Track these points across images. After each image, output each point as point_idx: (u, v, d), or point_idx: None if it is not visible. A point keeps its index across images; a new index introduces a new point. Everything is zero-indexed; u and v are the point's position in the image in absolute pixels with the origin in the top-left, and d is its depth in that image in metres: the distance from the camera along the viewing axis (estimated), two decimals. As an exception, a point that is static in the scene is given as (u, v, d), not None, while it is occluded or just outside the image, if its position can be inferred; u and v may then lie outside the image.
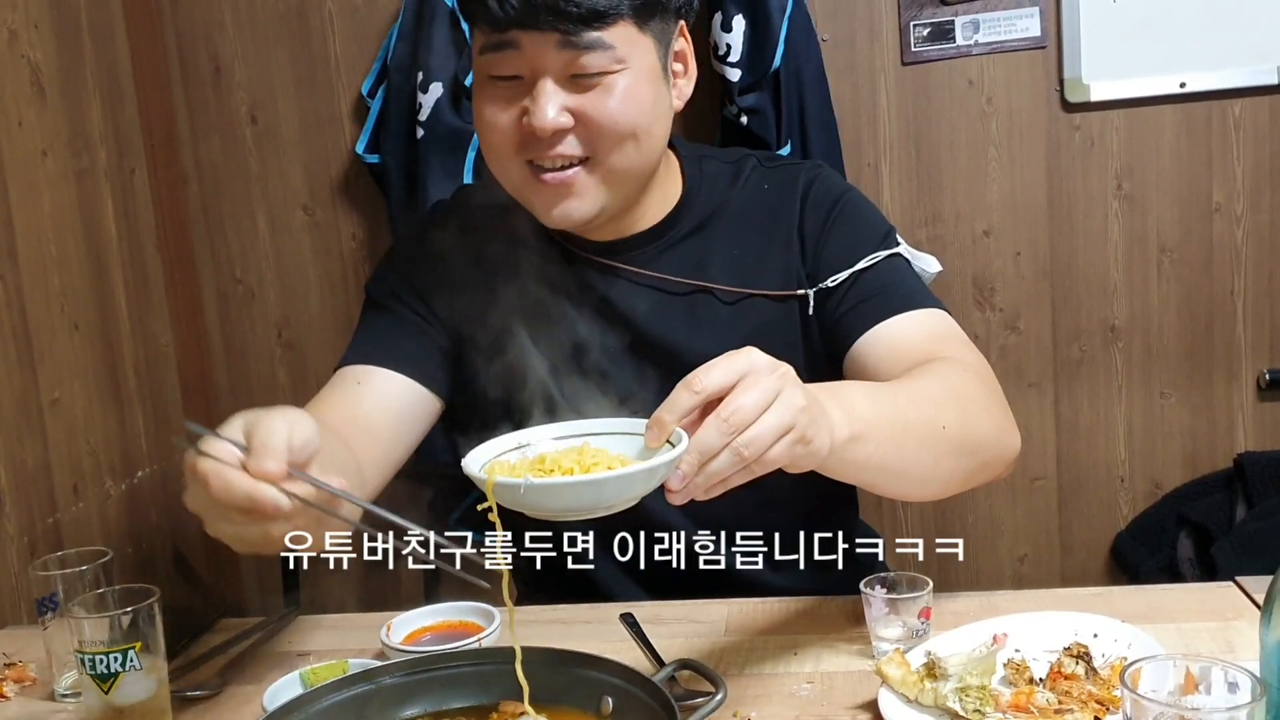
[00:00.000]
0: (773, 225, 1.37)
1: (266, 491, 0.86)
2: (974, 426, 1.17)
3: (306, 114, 2.43)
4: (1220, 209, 2.28)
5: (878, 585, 1.20)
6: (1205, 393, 2.34)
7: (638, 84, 1.21)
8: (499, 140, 1.25)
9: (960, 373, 1.20)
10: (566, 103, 1.20)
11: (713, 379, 0.92)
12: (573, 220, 1.27)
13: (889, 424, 1.06)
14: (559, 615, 1.39)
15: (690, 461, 0.90)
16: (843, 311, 1.33)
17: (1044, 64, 2.27)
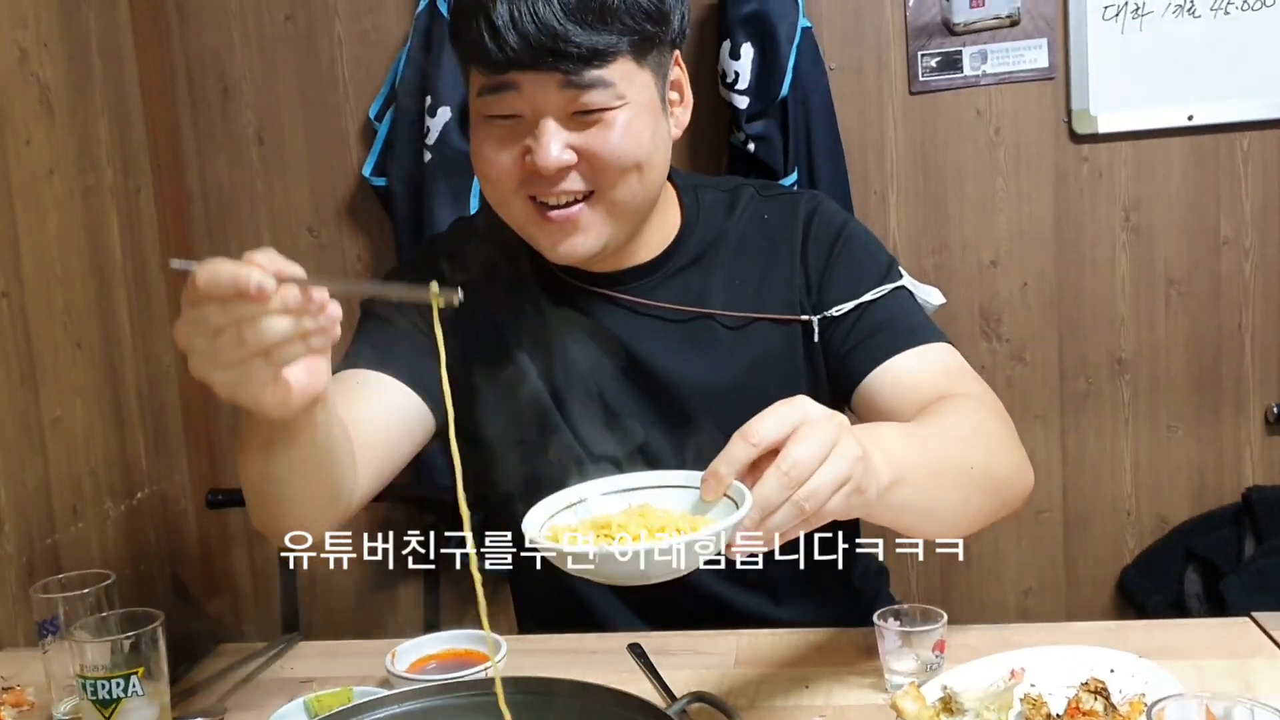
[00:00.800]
0: (773, 254, 1.36)
1: (251, 271, 0.85)
2: (998, 465, 1.18)
3: (313, 136, 2.42)
4: (1228, 242, 2.28)
5: (891, 617, 1.18)
6: (1213, 426, 2.32)
7: (638, 118, 1.21)
8: (501, 178, 1.24)
9: (980, 410, 1.21)
10: (569, 140, 1.19)
11: (768, 430, 0.91)
12: (578, 256, 1.26)
13: (924, 466, 1.06)
14: (564, 645, 1.37)
15: (752, 518, 0.89)
16: (850, 346, 1.32)
17: (1052, 95, 2.27)
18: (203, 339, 0.89)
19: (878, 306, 1.32)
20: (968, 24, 2.24)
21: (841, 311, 1.32)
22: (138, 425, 2.25)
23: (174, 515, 2.36)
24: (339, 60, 2.39)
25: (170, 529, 2.34)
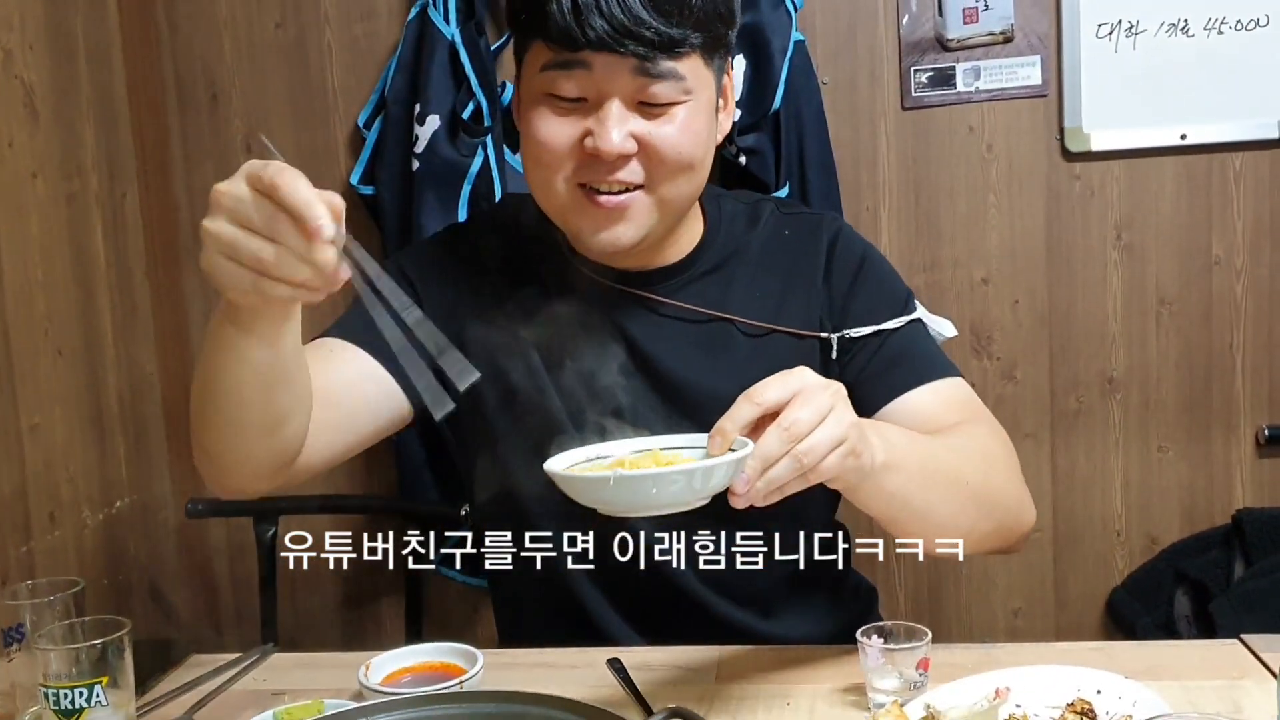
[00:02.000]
0: (793, 271, 1.38)
1: (320, 209, 0.89)
2: (996, 488, 1.23)
3: (302, 144, 2.40)
4: (1220, 262, 2.27)
5: (874, 635, 1.17)
6: (1203, 447, 2.31)
7: (699, 116, 1.22)
8: (554, 160, 1.23)
9: (985, 438, 1.27)
10: (632, 128, 1.20)
11: (770, 393, 1.00)
12: (619, 245, 1.26)
13: (919, 461, 1.14)
14: (543, 659, 1.35)
15: (753, 467, 0.98)
16: (866, 375, 1.33)
17: (1045, 112, 2.26)
18: (234, 229, 0.92)
19: (895, 337, 1.34)
20: (961, 40, 2.23)
21: (860, 334, 1.34)
22: (118, 433, 2.23)
23: (154, 525, 2.34)
24: (329, 68, 2.38)
25: (150, 538, 2.31)
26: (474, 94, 2.16)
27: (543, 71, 1.20)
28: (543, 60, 1.19)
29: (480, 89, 2.16)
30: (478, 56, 2.17)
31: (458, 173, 2.16)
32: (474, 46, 2.17)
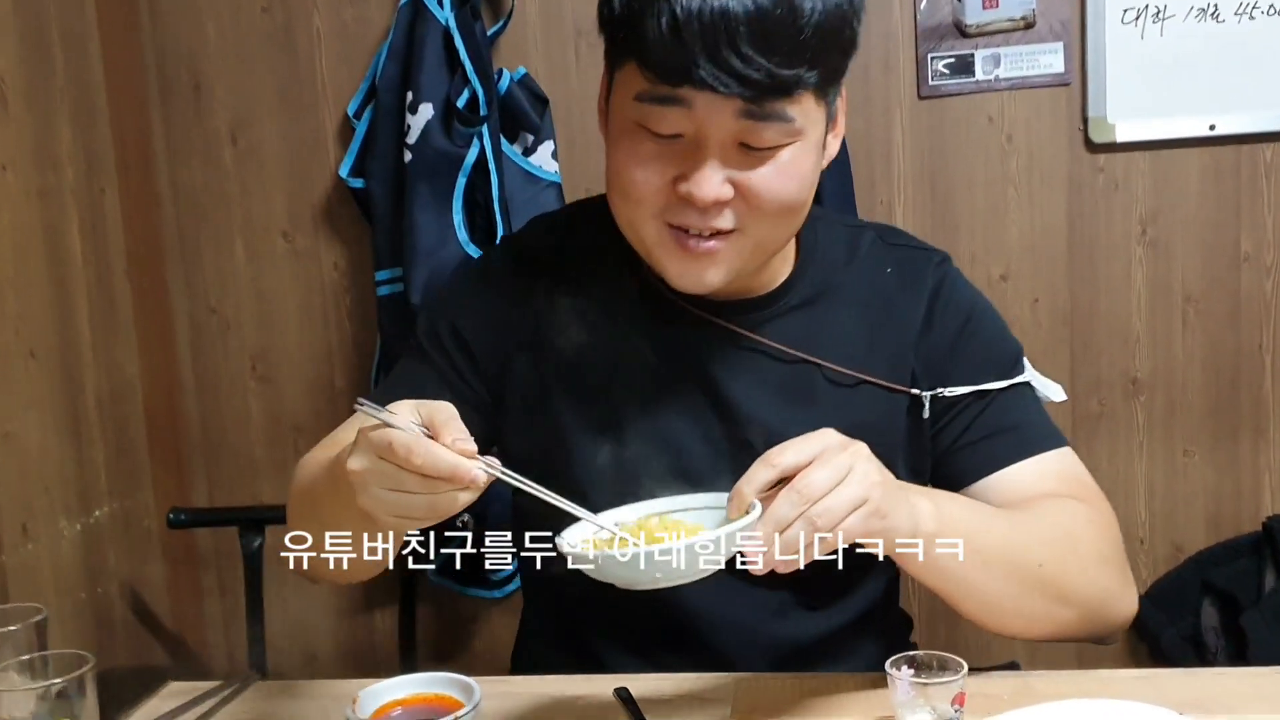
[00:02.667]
0: (888, 315, 1.26)
1: (469, 465, 0.92)
2: (1075, 576, 1.14)
3: (290, 135, 2.31)
4: (1249, 258, 2.18)
5: (904, 665, 1.07)
6: (1231, 451, 2.22)
7: (805, 156, 1.10)
8: (643, 199, 1.11)
9: (1076, 518, 1.17)
10: (731, 174, 1.08)
11: (789, 456, 0.96)
12: (704, 287, 1.15)
13: (978, 536, 1.07)
14: (545, 689, 1.25)
15: (765, 530, 0.94)
16: (966, 442, 1.23)
17: (1067, 102, 2.17)
18: (386, 489, 0.94)
19: (1000, 402, 1.24)
20: (980, 26, 2.13)
21: (958, 394, 1.23)
22: (97, 439, 2.13)
23: (136, 535, 2.24)
24: (318, 55, 2.28)
25: (131, 549, 2.22)
26: (469, 81, 2.06)
27: (635, 101, 1.08)
28: (637, 89, 1.07)
29: (476, 76, 2.06)
30: (473, 42, 2.07)
31: (452, 164, 2.06)
32: (469, 31, 2.07)
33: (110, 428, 2.17)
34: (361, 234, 2.28)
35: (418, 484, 0.93)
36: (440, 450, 0.91)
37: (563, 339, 1.25)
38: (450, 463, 0.91)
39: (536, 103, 2.17)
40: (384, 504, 0.95)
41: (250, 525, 1.96)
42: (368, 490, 0.95)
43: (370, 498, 0.96)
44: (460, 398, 1.23)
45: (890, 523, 0.98)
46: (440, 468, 0.91)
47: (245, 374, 2.38)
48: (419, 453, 0.91)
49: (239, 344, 2.37)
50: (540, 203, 2.15)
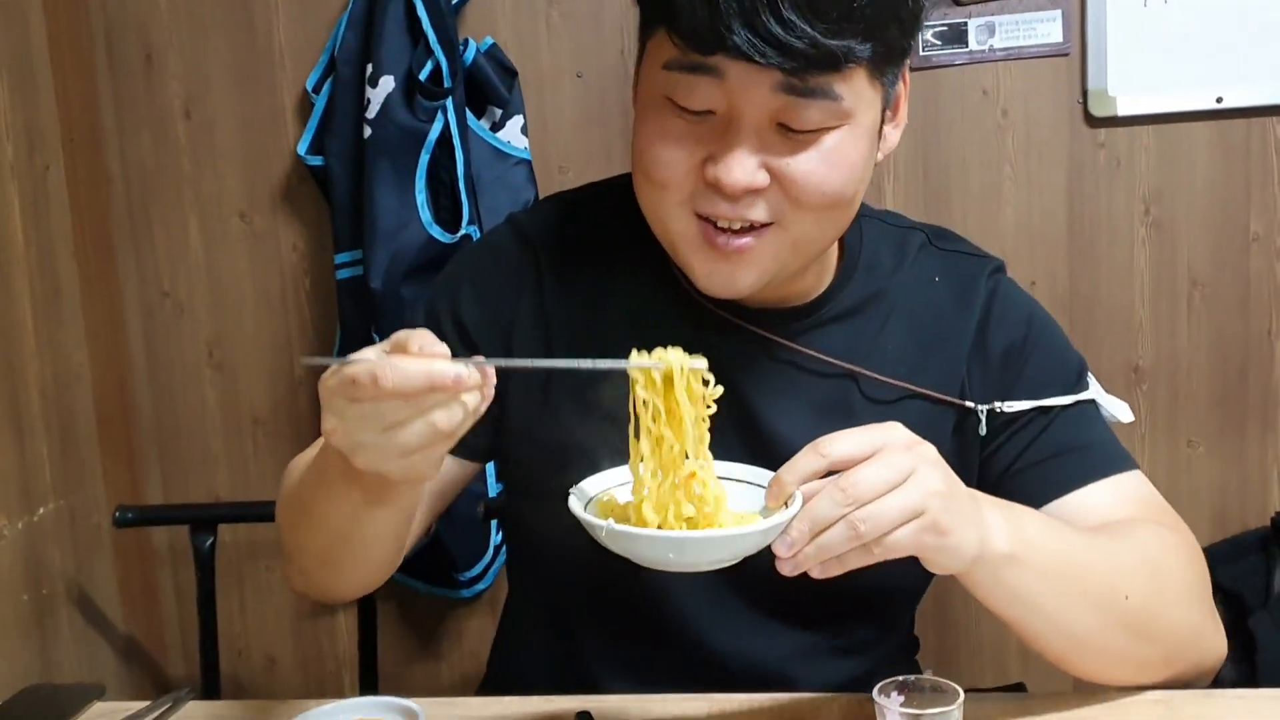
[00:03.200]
0: (937, 327, 1.15)
1: (444, 365, 0.82)
2: (1163, 612, 1.03)
3: (246, 110, 2.19)
4: (1258, 239, 2.08)
5: (894, 692, 0.97)
6: (1238, 443, 2.13)
7: (855, 143, 0.98)
8: (667, 182, 1.00)
9: (1165, 546, 1.06)
10: (766, 158, 0.96)
11: (842, 446, 0.88)
12: (734, 291, 1.03)
13: (1057, 561, 0.96)
14: (503, 711, 1.15)
15: (800, 529, 0.86)
16: (1029, 463, 1.12)
17: (1066, 73, 2.07)
18: (376, 433, 0.84)
19: (1066, 419, 1.12)
20: (974, -9, 2.03)
21: (1017, 409, 1.11)
22: (41, 431, 2.02)
23: (84, 533, 2.13)
24: (275, 25, 2.16)
25: (78, 548, 2.10)
26: (432, 52, 1.95)
27: (665, 69, 0.96)
28: (666, 56, 0.96)
29: (439, 47, 1.94)
30: (436, 11, 1.95)
31: (415, 140, 1.95)
32: (432, 1, 1.95)
33: (55, 420, 2.06)
34: (322, 214, 2.17)
35: (403, 408, 0.82)
36: (407, 362, 0.81)
37: (572, 342, 1.14)
38: (423, 370, 0.81)
39: (505, 75, 2.05)
40: (383, 450, 0.85)
41: (202, 524, 1.85)
42: (358, 445, 0.85)
43: (365, 451, 0.85)
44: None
45: (950, 540, 0.88)
46: (414, 379, 0.81)
47: (200, 361, 2.27)
48: (384, 373, 0.80)
49: (193, 330, 2.26)
50: (509, 181, 2.04)
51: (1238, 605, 1.98)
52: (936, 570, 0.92)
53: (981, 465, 1.14)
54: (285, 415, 2.26)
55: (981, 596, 0.96)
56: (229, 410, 2.28)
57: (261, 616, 2.33)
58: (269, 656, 2.34)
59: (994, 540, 0.92)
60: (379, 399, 0.81)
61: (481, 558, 2.10)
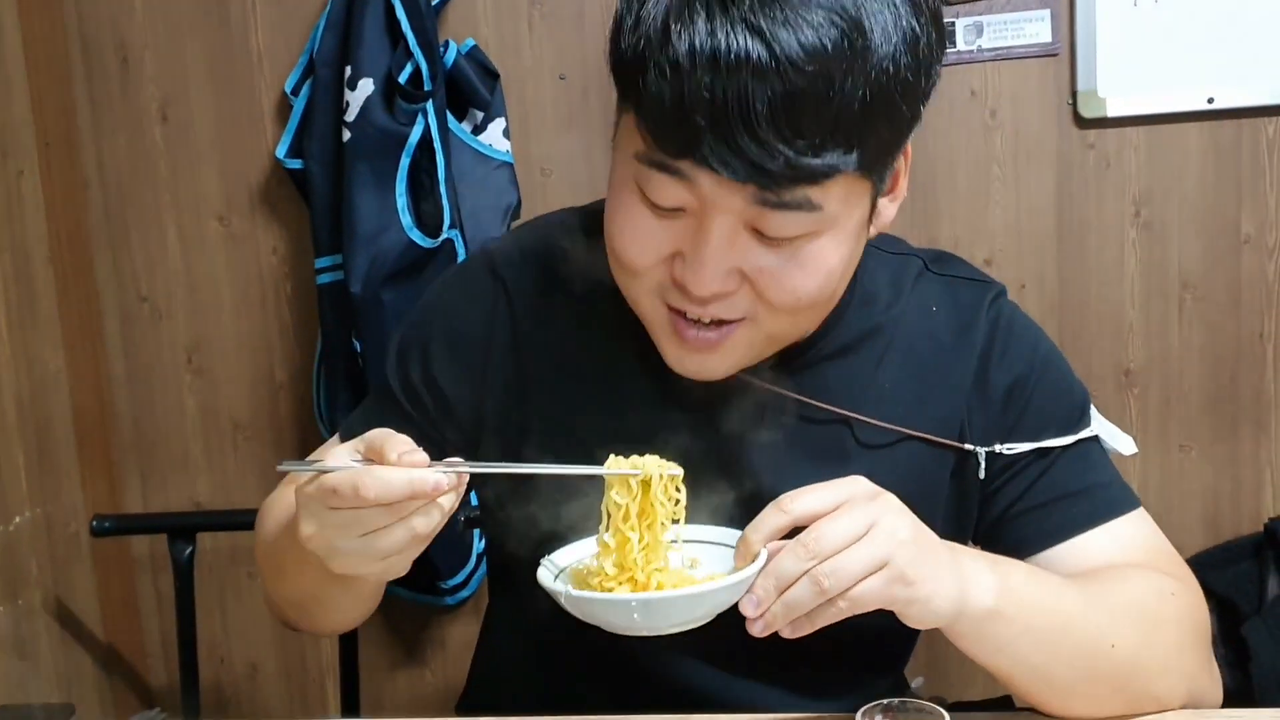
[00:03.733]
0: (936, 363, 1.09)
1: (425, 473, 0.82)
2: (1153, 662, 1.00)
3: (224, 113, 2.16)
4: (1250, 241, 2.06)
5: (879, 715, 0.94)
6: (1230, 447, 2.11)
7: (837, 246, 0.92)
8: (637, 271, 0.95)
9: (1161, 594, 1.02)
10: (739, 261, 0.90)
11: (805, 503, 0.86)
12: (706, 377, 0.99)
13: (1044, 614, 0.94)
14: (475, 733, 1.12)
15: (765, 586, 0.84)
16: (1030, 506, 1.07)
17: (1055, 74, 2.04)
18: (353, 538, 0.84)
19: (1067, 460, 1.07)
20: (962, -9, 2.00)
21: (1017, 451, 1.06)
22: (16, 440, 1.98)
23: (62, 542, 2.09)
24: (252, 27, 2.12)
25: (56, 557, 2.07)
26: (412, 54, 1.91)
27: (634, 158, 0.90)
28: (635, 146, 0.89)
29: (419, 49, 1.91)
30: (416, 13, 1.92)
31: (395, 143, 1.91)
32: (412, 2, 1.92)
33: (31, 427, 2.02)
34: (301, 217, 2.13)
35: (383, 516, 0.83)
36: (388, 472, 0.82)
37: (547, 388, 1.09)
38: (404, 480, 0.81)
39: (486, 77, 2.02)
40: (360, 556, 0.85)
41: (180, 532, 1.82)
42: (336, 551, 0.85)
43: (343, 557, 0.86)
44: (437, 448, 1.06)
45: (920, 591, 0.86)
46: (396, 489, 0.81)
47: (179, 367, 2.24)
48: (366, 484, 0.81)
49: (172, 335, 2.23)
50: (491, 184, 2.00)
51: (1231, 612, 1.95)
52: (914, 625, 0.90)
53: (979, 507, 1.10)
54: (266, 420, 2.23)
55: (964, 648, 0.94)
56: (209, 416, 2.24)
57: (243, 624, 2.30)
58: (251, 664, 2.31)
59: (976, 595, 0.89)
60: (360, 508, 0.81)
61: (464, 566, 2.08)
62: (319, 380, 2.12)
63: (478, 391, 1.11)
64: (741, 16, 0.81)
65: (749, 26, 0.81)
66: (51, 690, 2.05)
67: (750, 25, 0.81)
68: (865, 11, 0.83)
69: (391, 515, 0.83)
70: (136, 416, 2.25)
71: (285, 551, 1.01)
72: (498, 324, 1.11)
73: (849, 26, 0.82)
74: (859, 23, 0.82)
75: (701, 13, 0.82)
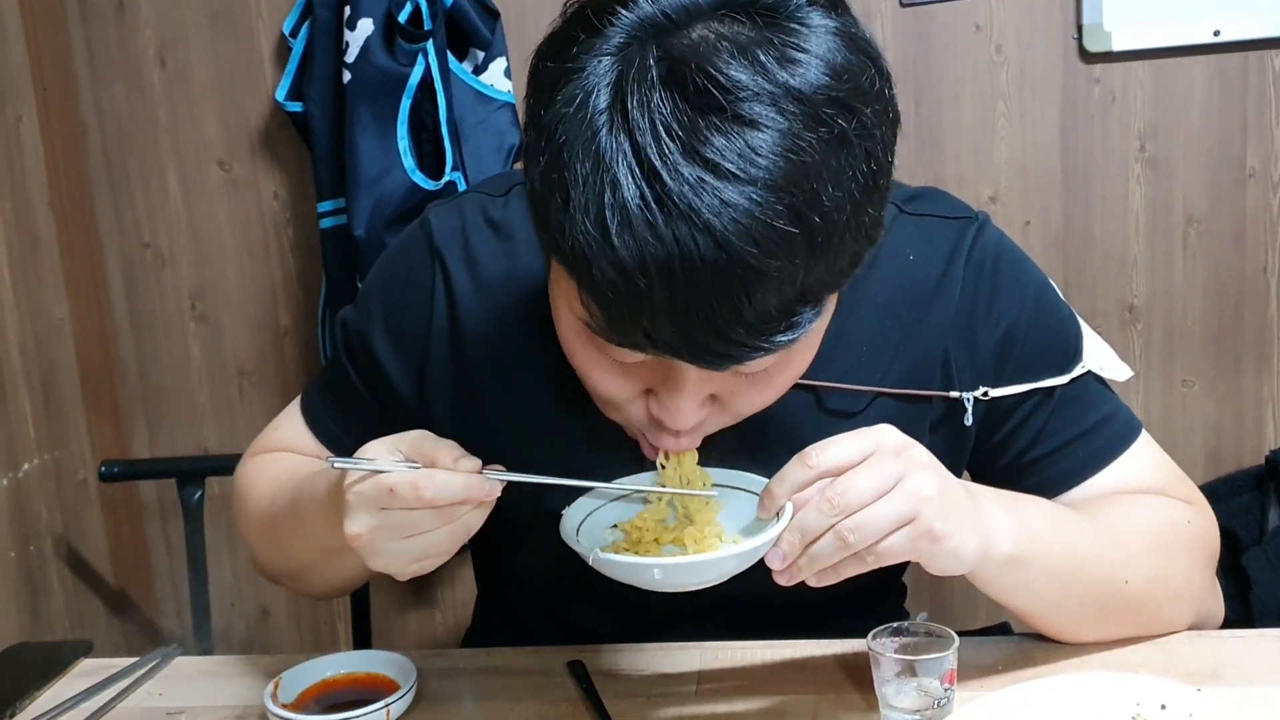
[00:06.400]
0: (912, 316, 1.03)
1: (480, 480, 0.84)
2: (1164, 592, 1.03)
3: (222, 56, 2.15)
4: (1255, 175, 2.05)
5: (888, 637, 0.96)
6: (1233, 381, 2.11)
7: (811, 347, 0.88)
8: (603, 401, 0.91)
9: (1174, 523, 1.04)
10: (713, 390, 0.86)
11: (830, 456, 0.84)
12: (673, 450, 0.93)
13: (1062, 555, 0.95)
14: (491, 663, 1.14)
15: (791, 541, 0.84)
16: (1044, 453, 1.06)
17: (1060, 7, 2.02)
18: (399, 539, 0.85)
19: (1069, 398, 1.05)
20: (966, -77, 1.98)
21: (1008, 394, 1.03)
22: (23, 388, 1.99)
23: (70, 489, 2.11)
24: (250, -32, 2.11)
25: (65, 503, 2.08)
26: (412, -7, 1.90)
27: (586, 325, 0.81)
28: (580, 313, 0.80)
29: (418, -13, 1.90)
30: (415, -50, 1.90)
31: (395, 84, 1.90)
32: (411, -61, 1.90)
33: (37, 375, 2.03)
34: (303, 162, 2.13)
35: (433, 519, 0.84)
36: (446, 475, 0.83)
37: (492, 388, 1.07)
38: (463, 484, 0.83)
39: (486, 16, 2.00)
40: (402, 556, 0.87)
41: (189, 477, 1.84)
42: (380, 551, 0.86)
43: (385, 556, 0.87)
44: (396, 419, 1.04)
45: (946, 545, 0.85)
46: (454, 492, 0.83)
47: (184, 313, 2.24)
48: (426, 486, 0.82)
49: (175, 281, 2.23)
50: (493, 125, 1.99)
51: (1232, 543, 1.97)
52: (937, 573, 0.89)
53: (987, 458, 1.09)
54: (271, 366, 2.23)
55: (984, 589, 0.95)
56: (214, 362, 2.25)
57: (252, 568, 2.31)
58: (262, 608, 2.34)
59: (998, 541, 0.90)
60: (415, 509, 0.83)
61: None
62: (324, 325, 2.12)
63: (421, 390, 1.09)
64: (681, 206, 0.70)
65: (691, 222, 0.70)
66: (64, 634, 2.07)
67: (691, 218, 0.70)
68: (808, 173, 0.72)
69: (441, 520, 0.84)
70: (141, 364, 2.26)
71: (286, 526, 1.02)
72: (437, 311, 1.07)
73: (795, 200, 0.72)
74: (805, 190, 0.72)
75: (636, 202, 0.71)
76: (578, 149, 0.72)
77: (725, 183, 0.70)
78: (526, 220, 1.02)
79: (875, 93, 0.76)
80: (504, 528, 1.14)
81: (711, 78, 0.71)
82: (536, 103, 0.77)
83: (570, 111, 0.73)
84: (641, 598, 0.92)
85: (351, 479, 0.85)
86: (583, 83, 0.74)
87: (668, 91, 0.71)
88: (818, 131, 0.72)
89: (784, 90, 0.72)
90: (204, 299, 2.23)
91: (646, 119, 0.71)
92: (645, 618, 1.11)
